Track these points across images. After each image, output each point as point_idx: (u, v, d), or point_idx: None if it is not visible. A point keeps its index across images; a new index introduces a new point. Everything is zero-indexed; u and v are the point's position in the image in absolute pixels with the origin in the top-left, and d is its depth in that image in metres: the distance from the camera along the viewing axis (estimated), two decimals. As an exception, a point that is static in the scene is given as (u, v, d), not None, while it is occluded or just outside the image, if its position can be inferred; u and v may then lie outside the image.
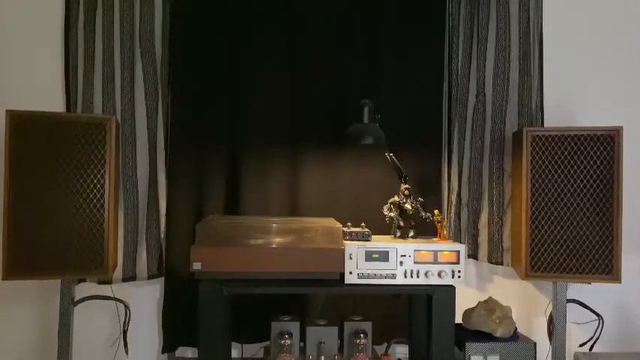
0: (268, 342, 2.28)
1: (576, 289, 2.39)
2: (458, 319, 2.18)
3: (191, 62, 2.49)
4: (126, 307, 2.27)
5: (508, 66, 2.54)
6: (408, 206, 2.22)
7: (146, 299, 2.55)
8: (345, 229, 2.14)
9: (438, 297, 2.06)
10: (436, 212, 2.22)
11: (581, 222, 2.20)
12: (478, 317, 2.29)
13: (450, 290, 2.07)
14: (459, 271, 2.06)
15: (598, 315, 2.29)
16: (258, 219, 2.24)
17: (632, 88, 2.61)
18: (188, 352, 2.56)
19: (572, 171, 2.21)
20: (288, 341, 2.19)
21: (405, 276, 2.06)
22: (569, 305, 2.29)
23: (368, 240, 2.13)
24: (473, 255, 2.58)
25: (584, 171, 2.20)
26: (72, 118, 2.10)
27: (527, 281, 2.50)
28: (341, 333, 2.30)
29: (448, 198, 2.59)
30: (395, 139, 2.34)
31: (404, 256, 2.06)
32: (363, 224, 2.18)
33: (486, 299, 2.37)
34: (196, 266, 1.99)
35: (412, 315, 2.37)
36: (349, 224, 2.19)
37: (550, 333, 2.34)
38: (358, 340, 2.22)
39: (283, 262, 2.02)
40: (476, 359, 2.19)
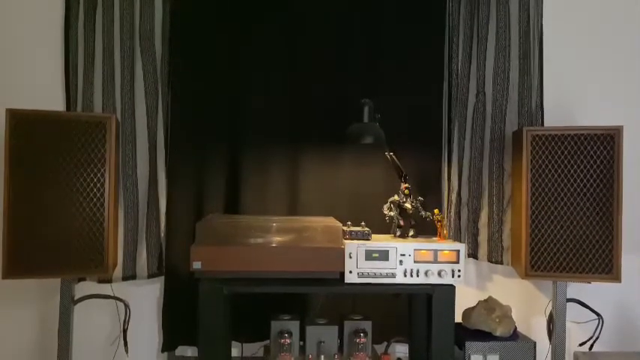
0: (268, 341, 2.29)
1: (576, 289, 2.39)
2: (458, 319, 2.18)
3: (191, 61, 2.49)
4: (126, 306, 2.27)
5: (508, 65, 2.54)
6: (408, 205, 2.23)
7: (146, 298, 2.55)
8: (345, 228, 2.14)
9: (438, 296, 2.06)
10: (436, 211, 2.22)
11: (581, 221, 2.20)
12: (478, 316, 2.29)
13: (450, 289, 2.07)
14: (459, 271, 2.06)
15: (598, 314, 2.29)
16: (258, 218, 2.25)
17: (632, 88, 2.61)
18: (188, 351, 2.56)
19: (572, 170, 2.21)
20: (287, 340, 2.20)
21: (405, 275, 2.06)
22: (568, 304, 2.29)
23: (368, 239, 2.13)
24: (473, 254, 2.58)
25: (584, 170, 2.20)
26: (72, 117, 2.09)
27: (527, 280, 2.51)
28: (341, 332, 2.30)
29: (448, 197, 2.59)
30: (395, 139, 2.33)
31: (404, 256, 2.06)
32: (363, 223, 2.18)
33: (486, 298, 2.37)
34: (196, 265, 1.99)
35: (412, 314, 2.37)
36: (349, 223, 2.19)
37: (550, 332, 2.34)
38: (358, 340, 2.23)
39: (283, 261, 2.02)
40: (476, 358, 2.19)
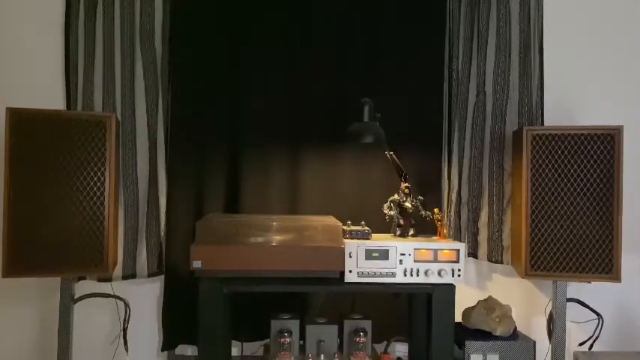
0: (268, 340, 2.29)
1: (576, 288, 2.39)
2: (458, 318, 2.18)
3: (191, 61, 2.50)
4: (126, 305, 2.27)
5: (508, 65, 2.54)
6: (408, 205, 2.23)
7: (146, 297, 2.55)
8: (345, 228, 2.14)
9: (438, 295, 2.06)
10: (436, 211, 2.22)
11: (581, 221, 2.20)
12: (478, 316, 2.29)
13: (450, 289, 2.07)
14: (459, 270, 2.06)
15: (598, 314, 2.29)
16: (258, 217, 2.25)
17: (632, 88, 2.61)
18: (188, 350, 2.57)
19: (572, 170, 2.21)
20: (287, 339, 2.20)
21: (405, 274, 2.06)
22: (568, 304, 2.29)
23: (368, 238, 2.13)
24: (473, 253, 2.58)
25: (584, 170, 2.20)
26: (72, 116, 2.09)
27: (527, 280, 2.51)
28: (341, 331, 2.30)
29: (448, 196, 2.59)
30: (395, 138, 2.33)
31: (404, 255, 2.06)
32: (363, 222, 2.18)
33: (486, 298, 2.37)
34: (196, 264, 1.99)
35: (412, 313, 2.37)
36: (349, 222, 2.19)
37: (550, 332, 2.34)
38: (358, 339, 2.23)
39: (283, 261, 2.02)
40: (475, 358, 2.19)
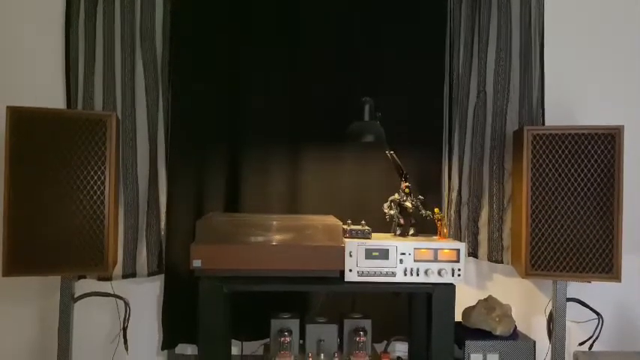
0: (268, 339, 2.29)
1: (576, 288, 2.39)
2: (458, 318, 2.19)
3: (191, 60, 2.50)
4: (126, 304, 2.27)
5: (509, 65, 2.54)
6: (409, 204, 2.23)
7: (146, 296, 2.55)
8: (345, 227, 2.14)
9: (438, 295, 2.06)
10: (436, 210, 2.22)
11: (581, 221, 2.20)
12: (478, 315, 2.29)
13: (450, 288, 2.07)
14: (459, 270, 2.06)
15: (598, 314, 2.29)
16: (258, 216, 2.25)
17: (632, 88, 2.61)
18: (188, 349, 2.57)
19: (572, 170, 2.21)
20: (287, 339, 2.19)
21: (405, 274, 2.06)
22: (568, 304, 2.29)
23: (368, 238, 2.13)
24: (473, 253, 2.58)
25: (584, 170, 2.20)
26: (72, 115, 2.10)
27: (527, 280, 2.51)
28: (341, 331, 2.30)
29: (448, 196, 2.59)
30: (395, 138, 2.33)
31: (404, 254, 2.06)
32: (364, 222, 2.18)
33: (486, 297, 2.37)
34: (196, 263, 1.99)
35: (412, 313, 2.37)
36: (349, 222, 2.19)
37: (550, 331, 2.34)
38: (358, 338, 2.23)
39: (283, 260, 2.02)
40: (475, 357, 2.19)
